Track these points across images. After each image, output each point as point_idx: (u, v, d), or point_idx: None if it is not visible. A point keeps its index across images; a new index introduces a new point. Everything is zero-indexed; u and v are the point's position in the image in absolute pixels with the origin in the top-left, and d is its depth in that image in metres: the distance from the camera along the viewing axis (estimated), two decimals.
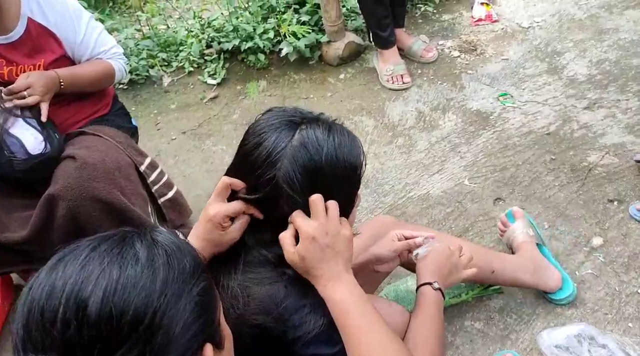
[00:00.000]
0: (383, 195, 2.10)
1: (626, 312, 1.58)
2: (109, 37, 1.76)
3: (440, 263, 1.21)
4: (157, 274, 0.64)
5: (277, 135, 0.92)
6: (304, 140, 0.91)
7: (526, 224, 1.73)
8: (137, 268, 0.64)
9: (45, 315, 0.61)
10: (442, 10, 3.06)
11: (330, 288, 0.92)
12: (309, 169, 0.90)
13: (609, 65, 2.49)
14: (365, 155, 0.99)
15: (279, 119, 0.94)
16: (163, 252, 0.67)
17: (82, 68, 1.71)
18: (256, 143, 0.93)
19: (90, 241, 0.67)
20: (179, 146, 2.55)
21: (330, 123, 0.97)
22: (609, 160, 2.05)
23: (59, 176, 1.54)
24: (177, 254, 0.68)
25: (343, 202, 0.97)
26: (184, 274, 0.67)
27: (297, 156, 0.90)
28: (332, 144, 0.92)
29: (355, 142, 0.97)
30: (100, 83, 1.76)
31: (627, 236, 1.78)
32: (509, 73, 2.57)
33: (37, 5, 1.57)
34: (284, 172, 0.90)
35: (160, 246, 0.68)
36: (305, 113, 0.97)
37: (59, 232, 1.55)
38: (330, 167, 0.91)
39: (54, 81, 1.60)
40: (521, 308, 1.64)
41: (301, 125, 0.93)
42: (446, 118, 2.40)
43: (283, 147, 0.90)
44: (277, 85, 2.79)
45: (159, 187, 1.84)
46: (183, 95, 2.85)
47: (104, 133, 1.71)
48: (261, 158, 0.91)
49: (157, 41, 3.04)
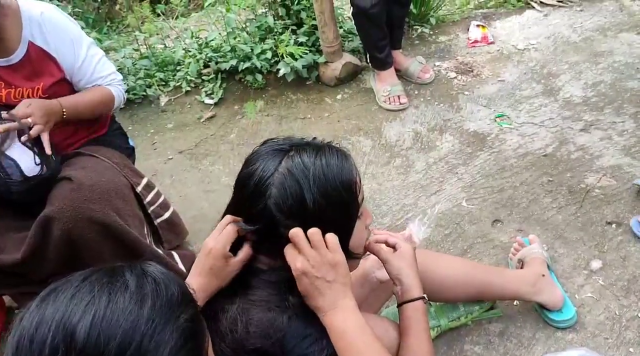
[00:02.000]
0: (381, 216, 2.09)
1: (627, 337, 1.57)
2: (108, 64, 1.75)
3: (413, 267, 1.12)
4: (145, 301, 0.66)
5: (265, 164, 0.93)
6: (290, 165, 0.92)
7: (542, 248, 1.76)
8: (125, 295, 0.65)
9: (34, 342, 0.62)
10: (439, 32, 3.09)
11: (329, 317, 0.93)
12: (298, 193, 0.91)
13: (604, 87, 2.51)
14: (359, 174, 0.98)
15: (269, 149, 0.96)
16: (152, 281, 0.69)
17: (84, 97, 1.69)
18: (247, 175, 0.95)
19: (81, 273, 0.69)
20: (175, 166, 2.54)
21: (320, 146, 0.97)
22: (606, 182, 2.05)
23: (54, 197, 1.53)
24: (166, 282, 0.70)
25: (342, 223, 0.96)
26: (171, 302, 0.68)
27: (285, 182, 0.91)
28: (319, 165, 0.92)
29: (347, 161, 0.97)
30: (100, 111, 1.75)
31: (627, 259, 1.77)
32: (505, 94, 2.59)
33: (38, 29, 1.57)
34: (274, 200, 0.91)
35: (149, 275, 0.70)
36: (295, 141, 0.99)
37: (53, 254, 1.52)
38: (319, 188, 0.91)
39: (56, 111, 1.58)
40: (521, 332, 1.62)
41: (289, 152, 0.94)
42: (443, 139, 2.41)
43: (270, 175, 0.91)
44: (274, 105, 2.79)
45: (155, 208, 1.83)
46: (180, 114, 2.85)
47: (101, 154, 1.70)
48: (251, 189, 0.93)
49: (154, 61, 3.05)
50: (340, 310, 0.93)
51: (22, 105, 1.52)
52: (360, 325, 0.94)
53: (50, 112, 1.56)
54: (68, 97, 1.64)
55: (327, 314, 0.93)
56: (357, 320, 0.94)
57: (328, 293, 0.93)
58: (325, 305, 0.93)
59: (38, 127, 1.51)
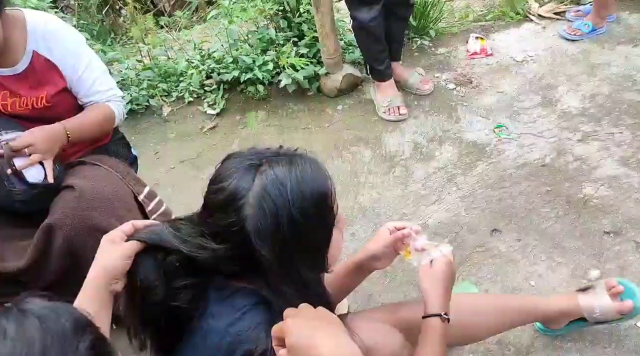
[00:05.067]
0: (380, 225, 2.09)
1: (625, 346, 1.57)
2: (108, 79, 1.76)
3: (446, 281, 1.12)
4: (32, 343, 0.61)
5: (237, 182, 0.87)
6: (265, 183, 0.86)
7: None
8: (7, 343, 0.60)
9: None
10: (438, 44, 3.12)
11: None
12: (274, 214, 0.86)
13: (601, 98, 2.54)
14: (332, 179, 0.94)
15: (238, 165, 0.90)
16: (34, 320, 0.64)
17: (88, 117, 1.70)
18: (217, 192, 0.89)
19: None
20: (177, 175, 2.56)
21: (291, 156, 0.92)
22: (604, 192, 2.07)
23: (57, 206, 1.54)
24: (52, 316, 0.65)
25: (320, 235, 0.94)
26: (64, 335, 0.64)
27: (261, 202, 0.85)
28: (294, 179, 0.87)
29: (320, 171, 0.93)
30: (102, 129, 1.76)
31: (625, 269, 1.78)
32: (503, 105, 2.62)
33: (42, 39, 1.60)
34: (250, 221, 0.86)
35: (30, 314, 0.64)
36: (263, 153, 0.93)
37: (55, 262, 1.53)
38: (296, 205, 0.87)
39: (59, 136, 1.59)
40: (519, 341, 1.63)
41: (260, 167, 0.89)
42: (443, 150, 2.43)
43: (244, 195, 0.86)
44: (275, 116, 2.82)
45: (157, 216, 1.84)
46: (182, 124, 2.88)
47: (103, 163, 1.72)
48: (223, 209, 0.88)
49: (157, 72, 3.09)
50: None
51: (25, 136, 1.54)
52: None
53: (54, 138, 1.57)
54: (71, 119, 1.65)
55: None
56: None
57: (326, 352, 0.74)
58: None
59: (38, 156, 1.53)
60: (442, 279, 1.12)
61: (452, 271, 1.14)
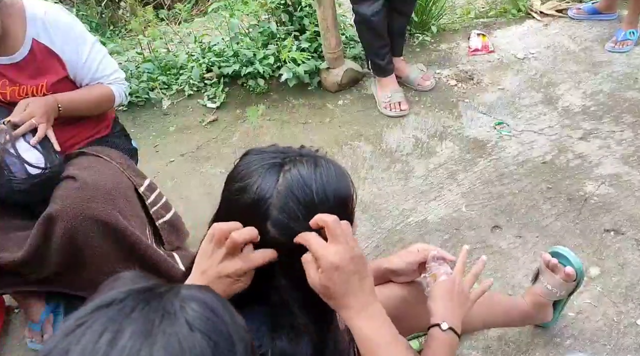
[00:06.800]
0: (381, 221, 2.10)
1: (625, 343, 1.58)
2: (111, 62, 1.77)
3: (446, 297, 1.12)
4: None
5: (261, 181, 0.83)
6: (290, 183, 0.83)
7: None
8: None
9: None
10: (440, 40, 3.12)
11: (360, 321, 0.84)
12: (301, 215, 0.83)
13: (603, 96, 2.53)
14: (354, 187, 0.93)
15: (261, 162, 0.86)
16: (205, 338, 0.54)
17: (80, 93, 1.70)
18: (240, 191, 0.85)
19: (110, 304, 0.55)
20: (177, 168, 2.55)
21: (315, 157, 0.88)
22: (604, 190, 2.07)
23: (57, 196, 1.53)
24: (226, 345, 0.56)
25: None
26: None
27: (287, 204, 0.82)
28: (320, 182, 0.84)
29: (344, 175, 0.91)
30: (99, 107, 1.76)
31: (625, 266, 1.78)
32: (505, 102, 2.61)
33: (42, 26, 1.58)
34: (276, 223, 0.83)
35: (196, 329, 0.54)
36: (286, 151, 0.89)
37: (55, 253, 1.53)
38: (322, 205, 0.84)
39: (53, 107, 1.59)
40: (519, 337, 1.63)
41: (284, 166, 0.85)
42: (443, 146, 2.43)
43: (269, 196, 0.82)
44: (276, 110, 2.81)
45: (157, 209, 1.83)
46: (182, 118, 2.86)
47: (104, 155, 1.71)
48: (247, 209, 0.83)
49: (157, 64, 3.07)
50: (373, 318, 0.85)
51: (20, 108, 1.54)
52: (393, 337, 0.86)
53: (47, 108, 1.57)
54: (63, 93, 1.65)
55: (358, 317, 0.84)
56: (390, 333, 0.87)
57: (360, 293, 0.83)
58: (357, 306, 0.83)
59: (43, 125, 1.53)
60: (442, 294, 1.11)
61: (459, 289, 1.13)
